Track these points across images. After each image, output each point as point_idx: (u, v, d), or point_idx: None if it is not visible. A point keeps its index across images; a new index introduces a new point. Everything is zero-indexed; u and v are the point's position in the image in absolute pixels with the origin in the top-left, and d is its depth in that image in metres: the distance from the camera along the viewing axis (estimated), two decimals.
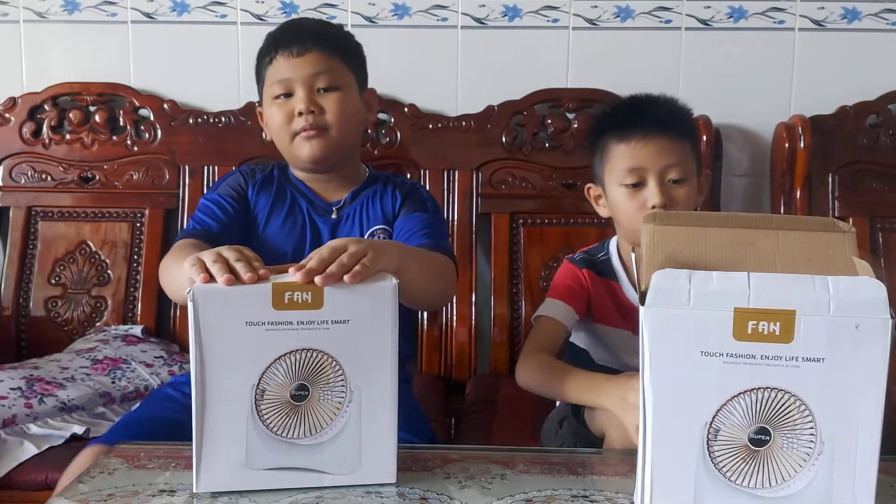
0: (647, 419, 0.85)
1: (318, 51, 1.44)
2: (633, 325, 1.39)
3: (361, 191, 1.51)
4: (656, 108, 1.40)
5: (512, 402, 1.70)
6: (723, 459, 0.85)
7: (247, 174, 1.52)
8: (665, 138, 1.36)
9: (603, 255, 1.45)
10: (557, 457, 1.13)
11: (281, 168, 1.55)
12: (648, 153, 1.35)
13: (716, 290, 0.83)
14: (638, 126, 1.36)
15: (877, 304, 0.82)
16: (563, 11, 2.01)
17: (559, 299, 1.40)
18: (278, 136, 1.47)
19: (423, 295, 1.24)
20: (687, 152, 1.38)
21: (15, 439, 1.50)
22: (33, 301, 1.98)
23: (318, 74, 1.43)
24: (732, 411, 0.84)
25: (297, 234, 1.47)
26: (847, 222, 1.88)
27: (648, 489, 0.86)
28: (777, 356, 0.83)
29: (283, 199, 1.50)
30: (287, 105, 1.43)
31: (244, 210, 1.48)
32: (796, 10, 1.99)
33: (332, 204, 1.49)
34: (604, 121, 1.45)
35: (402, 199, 1.49)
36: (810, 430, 0.84)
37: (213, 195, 1.48)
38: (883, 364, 0.82)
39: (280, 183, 1.52)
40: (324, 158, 1.45)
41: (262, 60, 1.48)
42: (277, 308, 0.94)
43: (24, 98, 2.02)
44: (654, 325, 0.84)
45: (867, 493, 0.85)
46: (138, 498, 0.97)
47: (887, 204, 1.94)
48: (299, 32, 1.46)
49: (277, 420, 0.97)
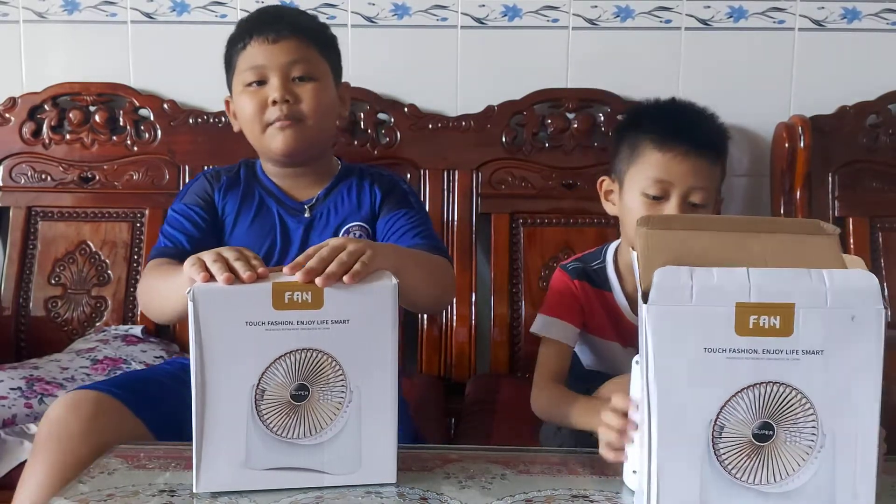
0: (651, 419, 0.85)
1: (296, 38, 1.38)
2: (624, 337, 1.41)
3: (335, 186, 1.45)
4: (703, 125, 1.37)
5: (512, 402, 1.70)
6: (728, 457, 0.86)
7: (212, 178, 1.46)
8: (703, 160, 1.32)
9: (598, 264, 1.44)
10: (557, 457, 1.13)
11: (248, 166, 1.49)
12: (682, 170, 1.31)
13: (717, 285, 0.83)
14: (680, 140, 1.31)
15: (870, 295, 0.83)
16: (562, 11, 2.01)
17: (558, 317, 1.40)
18: (249, 127, 1.40)
19: (421, 297, 1.22)
20: (715, 179, 1.35)
21: (15, 439, 1.50)
22: (33, 301, 1.98)
23: (294, 63, 1.37)
24: (736, 407, 0.85)
25: (267, 236, 1.41)
26: (846, 222, 1.92)
27: (655, 490, 0.86)
28: (778, 350, 0.84)
29: (252, 200, 1.44)
30: (260, 93, 1.37)
31: (213, 217, 1.43)
32: (796, 10, 1.99)
33: (304, 202, 1.43)
34: (645, 119, 1.39)
35: (383, 196, 1.43)
36: (812, 424, 0.85)
37: (180, 206, 1.43)
38: (878, 354, 0.84)
39: (247, 183, 1.46)
40: (297, 151, 1.39)
41: (234, 46, 1.41)
42: (277, 308, 0.94)
43: (24, 98, 2.02)
44: (657, 323, 0.84)
45: (868, 483, 0.85)
46: (138, 498, 0.97)
47: (887, 204, 1.94)
48: (276, 18, 1.41)
49: (277, 420, 0.97)
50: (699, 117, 1.39)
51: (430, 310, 1.70)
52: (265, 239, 1.41)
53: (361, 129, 2.00)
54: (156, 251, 1.39)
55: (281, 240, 1.41)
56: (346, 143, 1.97)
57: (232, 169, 1.49)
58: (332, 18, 2.00)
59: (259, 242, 1.40)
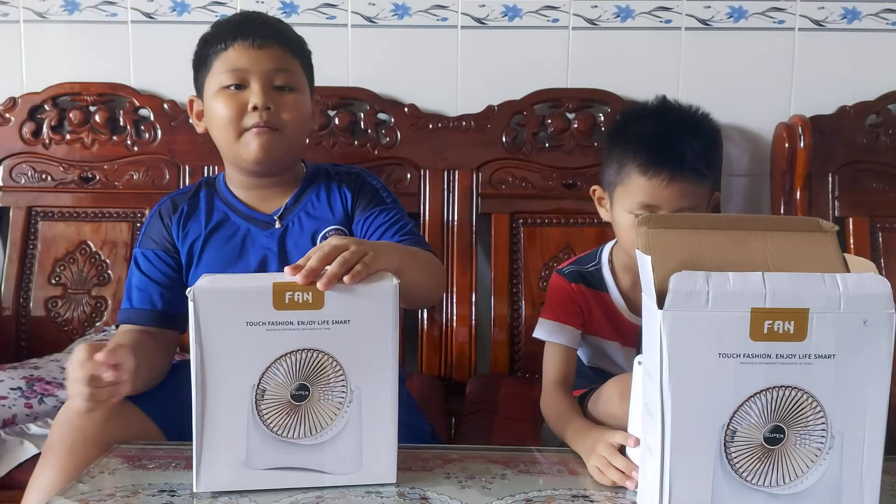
0: (665, 424, 0.85)
1: (280, 47, 1.35)
2: (624, 336, 1.41)
3: (302, 193, 1.40)
4: (688, 144, 1.31)
5: (512, 402, 1.70)
6: (739, 460, 0.86)
7: (167, 212, 1.39)
8: (688, 183, 1.30)
9: (593, 266, 1.44)
10: (557, 457, 1.13)
11: (208, 184, 1.44)
12: (667, 195, 1.29)
13: (734, 291, 0.83)
14: (665, 164, 1.29)
15: (883, 299, 0.84)
16: (563, 11, 2.01)
17: (558, 321, 1.40)
18: (222, 131, 1.34)
19: (419, 294, 1.21)
20: (705, 194, 1.33)
21: (15, 439, 1.50)
22: (33, 301, 1.98)
23: (277, 71, 1.34)
24: (749, 412, 0.85)
25: (239, 257, 1.36)
26: (846, 222, 1.92)
27: (667, 493, 0.86)
28: (791, 354, 0.84)
29: (217, 222, 1.38)
30: (238, 97, 1.32)
31: (174, 255, 1.38)
32: (796, 10, 1.99)
33: (273, 213, 1.38)
34: (630, 134, 1.36)
35: (354, 195, 1.39)
36: (822, 426, 0.86)
37: (139, 254, 1.38)
38: (888, 357, 0.84)
39: (209, 204, 1.40)
40: (271, 160, 1.34)
41: (213, 46, 1.36)
42: (278, 308, 0.94)
43: (24, 98, 2.02)
44: (673, 329, 0.84)
45: (873, 482, 0.86)
46: (138, 498, 0.97)
47: (887, 204, 1.94)
48: (261, 24, 1.37)
49: (278, 420, 0.97)
50: (685, 132, 1.33)
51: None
52: (238, 259, 1.36)
53: (361, 129, 2.00)
54: (121, 315, 1.36)
55: (254, 256, 1.36)
56: (347, 143, 1.97)
57: (189, 191, 1.43)
58: (332, 18, 2.00)
59: (231, 263, 1.35)
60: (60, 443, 1.17)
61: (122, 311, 1.37)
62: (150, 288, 1.35)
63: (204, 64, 1.37)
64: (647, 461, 0.92)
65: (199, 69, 1.39)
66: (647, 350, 0.90)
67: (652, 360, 0.86)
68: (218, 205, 1.40)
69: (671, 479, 0.86)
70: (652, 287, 0.85)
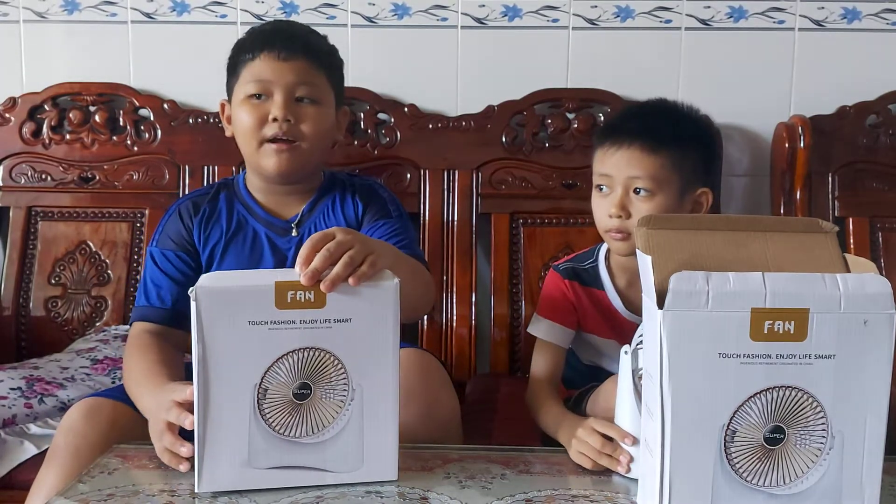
0: (665, 424, 0.85)
1: (306, 60, 1.38)
2: (620, 334, 1.41)
3: (319, 200, 1.45)
4: (644, 116, 1.37)
5: (512, 402, 1.70)
6: (739, 460, 0.86)
7: (188, 213, 1.43)
8: (636, 149, 1.31)
9: (590, 263, 1.44)
10: (557, 457, 1.13)
11: (227, 186, 1.47)
12: (615, 162, 1.32)
13: (734, 291, 0.84)
14: (616, 133, 1.34)
15: (883, 300, 0.84)
16: (562, 11, 2.01)
17: (550, 319, 1.41)
18: (245, 139, 1.39)
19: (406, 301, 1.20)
20: (662, 166, 1.31)
21: (15, 439, 1.50)
22: (33, 301, 1.98)
23: (300, 84, 1.37)
24: (749, 412, 0.85)
25: (258, 262, 1.40)
26: (846, 222, 1.92)
27: (667, 493, 0.86)
28: (791, 354, 0.84)
29: (237, 225, 1.42)
30: (261, 108, 1.37)
31: (194, 255, 1.41)
32: (796, 10, 1.99)
33: (290, 220, 1.43)
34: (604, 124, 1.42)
35: (365, 206, 1.44)
36: (822, 426, 0.86)
37: (157, 253, 1.40)
38: (888, 357, 0.85)
39: (229, 208, 1.44)
40: (289, 173, 1.39)
41: (242, 55, 1.41)
42: (280, 307, 0.94)
43: (24, 98, 2.02)
44: (673, 329, 0.84)
45: (873, 482, 0.86)
46: (138, 498, 0.97)
47: (887, 204, 1.94)
48: (290, 36, 1.41)
49: (280, 419, 0.97)
50: (646, 110, 1.40)
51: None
52: (257, 265, 1.39)
53: (361, 129, 2.00)
54: (138, 312, 1.37)
55: (274, 263, 1.39)
56: (347, 143, 1.97)
57: (208, 193, 1.46)
58: (332, 18, 2.00)
59: (251, 269, 1.37)
60: (65, 448, 1.17)
61: (138, 308, 1.38)
62: (169, 286, 1.37)
63: (234, 71, 1.42)
64: (647, 461, 0.92)
65: (230, 75, 1.44)
66: (646, 350, 0.90)
67: (652, 360, 0.86)
68: (238, 208, 1.44)
69: (671, 479, 0.86)
70: (652, 287, 0.85)
